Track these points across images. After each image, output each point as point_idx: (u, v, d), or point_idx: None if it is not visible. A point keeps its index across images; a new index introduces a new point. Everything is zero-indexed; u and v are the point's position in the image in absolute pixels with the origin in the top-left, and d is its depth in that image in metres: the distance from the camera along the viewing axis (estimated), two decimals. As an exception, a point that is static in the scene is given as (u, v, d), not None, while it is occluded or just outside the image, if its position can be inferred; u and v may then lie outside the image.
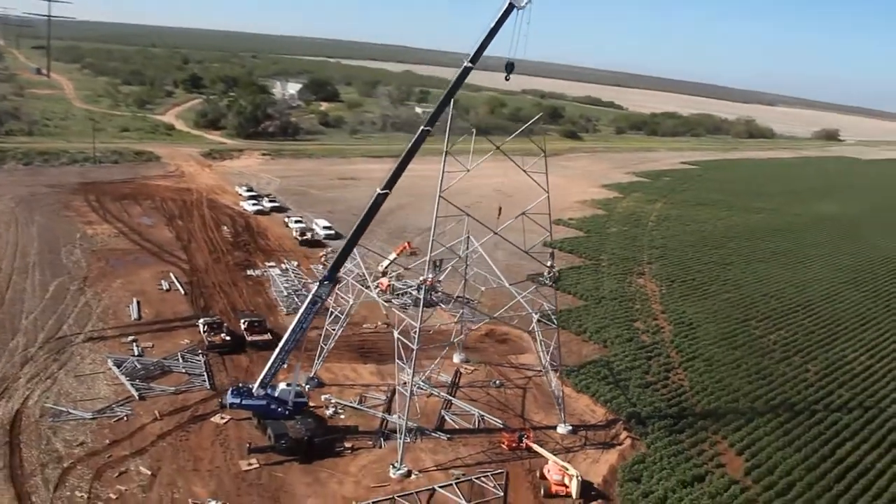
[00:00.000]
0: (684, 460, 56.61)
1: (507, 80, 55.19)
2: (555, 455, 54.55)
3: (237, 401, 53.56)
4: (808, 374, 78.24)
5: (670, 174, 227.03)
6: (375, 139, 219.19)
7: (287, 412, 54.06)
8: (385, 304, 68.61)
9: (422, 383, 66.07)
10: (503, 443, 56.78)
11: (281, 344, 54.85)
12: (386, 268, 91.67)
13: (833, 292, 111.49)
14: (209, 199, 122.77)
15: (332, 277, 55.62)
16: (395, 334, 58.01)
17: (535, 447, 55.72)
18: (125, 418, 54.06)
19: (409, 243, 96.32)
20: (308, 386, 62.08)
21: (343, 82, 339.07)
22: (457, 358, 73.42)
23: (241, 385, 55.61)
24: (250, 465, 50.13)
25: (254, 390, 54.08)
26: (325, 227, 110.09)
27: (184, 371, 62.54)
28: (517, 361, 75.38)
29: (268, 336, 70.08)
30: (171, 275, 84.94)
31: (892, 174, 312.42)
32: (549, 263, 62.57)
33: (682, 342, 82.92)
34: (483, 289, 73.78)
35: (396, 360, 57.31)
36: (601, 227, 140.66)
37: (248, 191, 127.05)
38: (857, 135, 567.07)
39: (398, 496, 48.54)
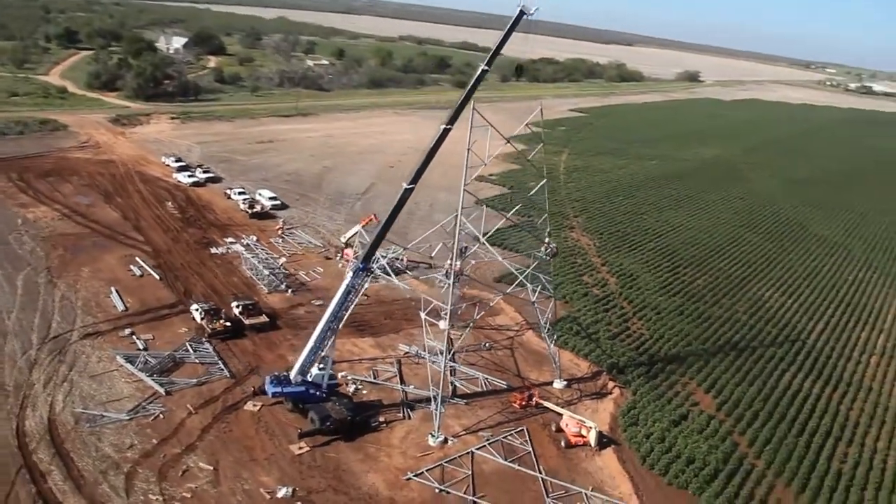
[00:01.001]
0: (667, 402, 65.42)
1: (517, 80, 58.44)
2: (562, 408, 61.51)
3: (279, 389, 55.94)
4: (739, 314, 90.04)
5: (564, 122, 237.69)
6: (277, 96, 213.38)
7: (324, 395, 57.07)
8: (405, 285, 70.41)
9: (421, 352, 70.57)
10: (515, 402, 62.86)
11: (317, 333, 57.30)
12: (349, 239, 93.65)
13: (737, 236, 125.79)
14: (138, 172, 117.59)
15: (366, 267, 57.92)
16: (423, 315, 61.70)
17: (547, 404, 62.39)
18: (161, 416, 54.95)
19: (374, 215, 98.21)
20: (322, 365, 64.73)
21: (222, 32, 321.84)
22: (443, 325, 77.80)
23: (277, 374, 57.75)
24: (301, 448, 53.17)
25: (292, 378, 56.51)
26: (270, 198, 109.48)
27: (197, 361, 63.36)
28: (495, 323, 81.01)
29: (265, 318, 71.56)
30: (138, 259, 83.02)
31: (751, 115, 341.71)
32: (546, 240, 67.57)
33: (629, 293, 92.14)
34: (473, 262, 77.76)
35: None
36: (519, 182, 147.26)
37: (177, 161, 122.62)
38: (714, 75, 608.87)
39: (445, 462, 53.56)
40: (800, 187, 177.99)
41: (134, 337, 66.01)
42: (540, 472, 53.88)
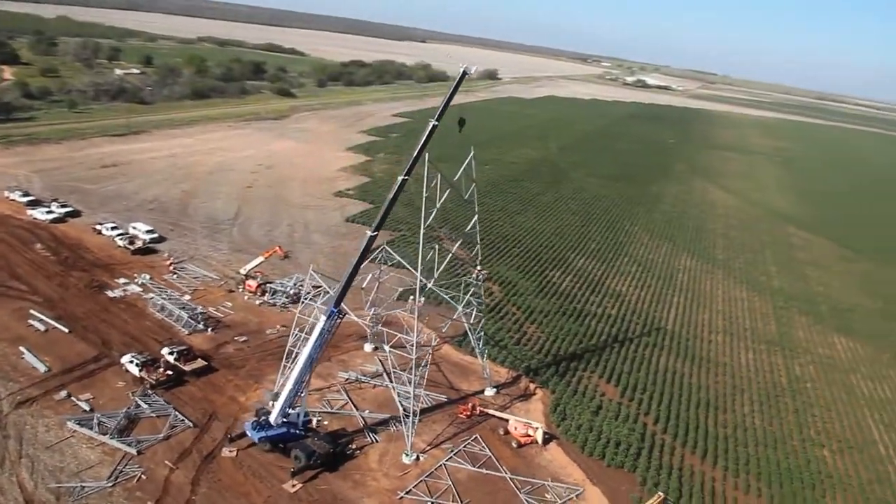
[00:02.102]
0: (582, 396, 76.50)
1: (460, 132, 64.81)
2: (506, 414, 69.94)
3: (264, 434, 58.09)
4: (607, 309, 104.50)
5: (394, 129, 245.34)
6: (98, 112, 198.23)
7: (302, 432, 60.15)
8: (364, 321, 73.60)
9: (361, 376, 75.31)
10: (461, 413, 70.07)
11: (294, 377, 59.90)
12: (249, 270, 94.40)
13: (582, 235, 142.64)
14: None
15: (338, 311, 61.18)
16: (367, 347, 66.33)
17: (490, 411, 70.38)
18: (143, 476, 54.90)
19: (279, 247, 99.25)
20: (272, 401, 67.02)
21: (3, 35, 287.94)
22: (368, 347, 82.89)
23: (256, 419, 59.64)
24: (294, 486, 56.24)
25: (273, 421, 58.92)
26: (147, 232, 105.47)
27: (153, 415, 62.86)
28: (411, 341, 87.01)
29: (202, 362, 71.78)
30: (34, 311, 77.86)
31: (553, 113, 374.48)
32: (478, 268, 74.80)
33: (514, 299, 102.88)
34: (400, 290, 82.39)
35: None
36: (378, 195, 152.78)
37: (24, 196, 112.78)
38: (507, 72, 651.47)
39: (425, 477, 59.57)
40: (616, 183, 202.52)
41: (73, 399, 63.56)
42: (506, 472, 61.72)
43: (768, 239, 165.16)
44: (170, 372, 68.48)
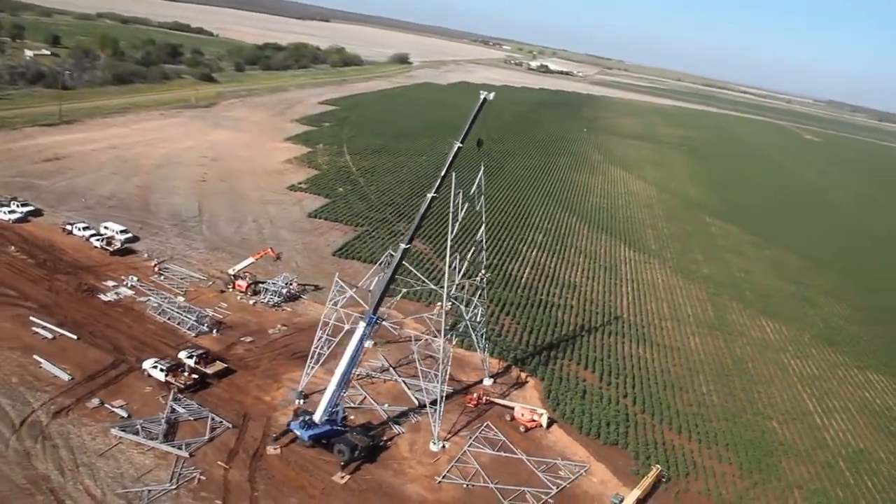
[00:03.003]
0: (567, 382, 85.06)
1: (478, 150, 70.13)
2: (511, 402, 77.38)
3: (312, 432, 62.58)
4: (568, 300, 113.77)
5: (325, 118, 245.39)
6: (19, 98, 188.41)
7: (342, 428, 65.06)
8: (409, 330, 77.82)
9: (371, 373, 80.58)
10: (469, 403, 76.80)
11: (337, 381, 64.45)
12: (238, 271, 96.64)
13: (530, 226, 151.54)
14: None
15: (377, 318, 65.89)
16: (414, 348, 71.88)
17: (496, 400, 77.53)
18: (202, 477, 58.38)
19: (271, 249, 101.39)
20: (300, 401, 71.47)
21: None
22: (369, 343, 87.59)
23: (302, 418, 63.88)
24: (343, 477, 61.37)
25: (317, 420, 63.50)
26: (121, 232, 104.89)
27: (191, 418, 65.85)
28: (403, 336, 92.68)
29: (222, 364, 74.76)
30: (34, 318, 77.76)
31: (471, 100, 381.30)
32: (483, 272, 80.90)
33: (487, 292, 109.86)
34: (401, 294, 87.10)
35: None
36: (330, 189, 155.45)
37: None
38: (415, 55, 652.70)
39: (455, 462, 66.13)
40: (546, 174, 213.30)
41: (108, 406, 65.42)
42: (521, 454, 69.21)
43: (691, 228, 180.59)
44: (195, 375, 71.16)
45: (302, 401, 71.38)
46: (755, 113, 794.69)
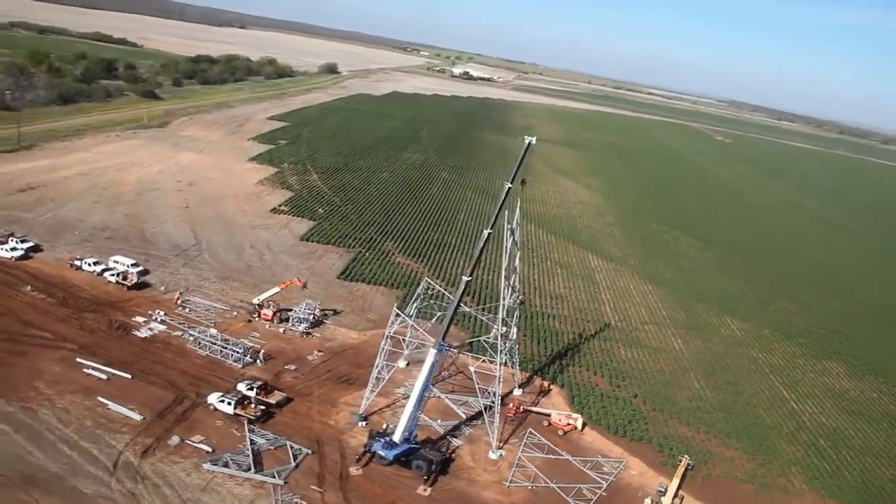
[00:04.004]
0: (583, 388, 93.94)
1: (522, 190, 76.94)
2: (548, 409, 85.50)
3: (396, 451, 68.50)
4: (553, 309, 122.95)
5: (279, 136, 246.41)
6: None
7: (417, 446, 71.24)
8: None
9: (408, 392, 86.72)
10: (509, 413, 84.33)
11: (415, 402, 70.59)
12: (263, 300, 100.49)
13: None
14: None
15: (447, 345, 72.34)
16: (472, 368, 78.41)
17: (533, 409, 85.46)
18: (303, 502, 63.37)
19: (298, 279, 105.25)
20: (362, 423, 77.04)
21: None
22: (402, 363, 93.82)
23: (384, 440, 69.55)
24: (426, 490, 67.72)
25: (397, 439, 69.49)
26: (133, 265, 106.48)
27: (271, 447, 70.46)
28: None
29: (280, 393, 79.34)
30: (80, 360, 79.70)
31: (409, 112, 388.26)
32: (517, 294, 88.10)
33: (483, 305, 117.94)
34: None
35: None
36: (311, 211, 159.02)
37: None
38: (344, 65, 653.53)
39: (515, 467, 73.59)
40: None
41: (189, 442, 69.03)
42: (567, 455, 77.39)
43: (644, 234, 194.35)
44: (262, 406, 75.56)
45: (364, 423, 76.95)
46: (667, 115, 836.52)
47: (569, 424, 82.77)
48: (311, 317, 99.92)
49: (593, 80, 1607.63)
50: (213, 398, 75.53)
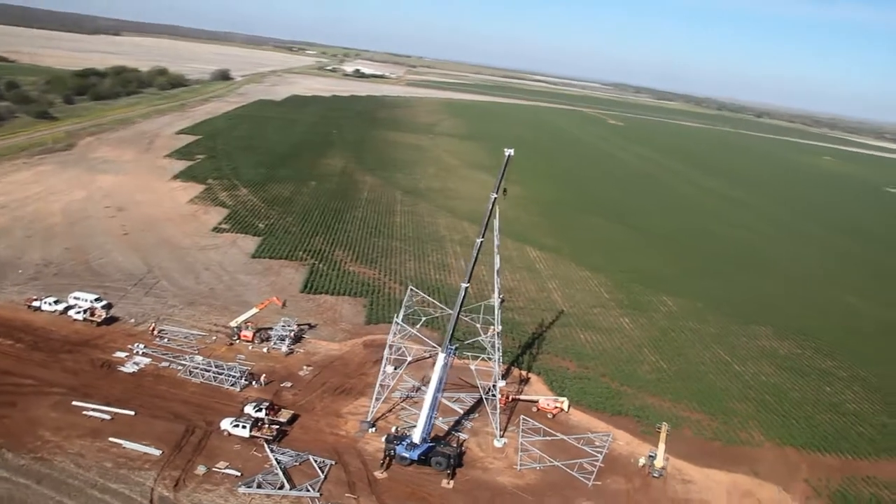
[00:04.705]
0: (558, 372, 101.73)
1: (504, 198, 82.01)
2: (535, 396, 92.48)
3: (418, 451, 73.08)
4: (511, 302, 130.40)
5: (193, 150, 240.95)
6: None
7: (433, 444, 76.14)
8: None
9: (411, 394, 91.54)
10: (502, 403, 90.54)
11: (430, 404, 75.28)
12: (241, 322, 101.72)
13: (443, 248, 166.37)
14: None
15: (454, 348, 77.17)
16: (472, 366, 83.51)
17: (521, 397, 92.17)
18: (343, 509, 67.27)
19: (277, 298, 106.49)
20: (372, 430, 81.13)
21: None
22: (389, 368, 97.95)
23: (405, 442, 73.90)
24: (449, 483, 72.95)
25: (417, 440, 74.13)
26: (96, 300, 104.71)
27: (296, 463, 73.43)
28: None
29: (288, 411, 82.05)
30: (76, 403, 78.94)
31: (313, 117, 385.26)
32: (500, 295, 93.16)
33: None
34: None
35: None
36: (252, 226, 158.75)
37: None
38: (236, 70, 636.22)
39: (521, 452, 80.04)
40: (430, 190, 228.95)
41: (215, 469, 70.85)
42: (562, 435, 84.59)
43: (569, 222, 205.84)
44: (276, 426, 78.14)
45: (373, 429, 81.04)
46: (560, 102, 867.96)
47: (556, 407, 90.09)
48: (292, 333, 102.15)
49: (482, 70, 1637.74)
50: (226, 424, 77.31)
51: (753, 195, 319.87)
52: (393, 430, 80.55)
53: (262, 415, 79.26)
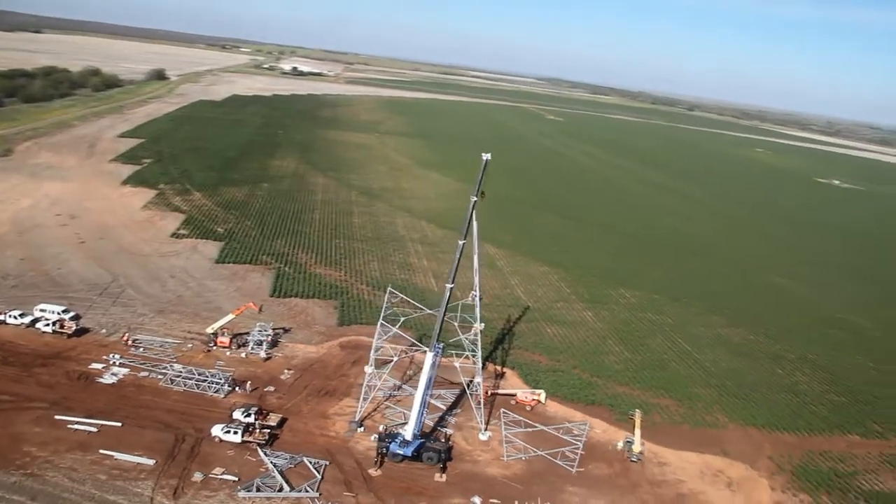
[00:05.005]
0: (530, 365, 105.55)
1: (482, 200, 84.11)
2: (513, 389, 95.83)
3: (413, 447, 75.27)
4: (472, 299, 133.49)
5: (139, 153, 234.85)
6: None
7: (424, 441, 78.45)
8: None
9: (395, 392, 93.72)
10: (483, 398, 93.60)
11: (421, 399, 77.45)
12: (217, 329, 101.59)
13: (405, 248, 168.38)
14: None
15: (439, 345, 79.35)
16: (457, 364, 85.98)
17: (501, 392, 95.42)
18: (341, 507, 69.04)
19: (253, 303, 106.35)
20: (360, 429, 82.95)
21: None
22: (368, 369, 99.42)
23: (399, 440, 75.93)
24: (442, 477, 75.49)
25: (409, 438, 76.29)
26: (65, 311, 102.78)
27: (291, 465, 74.64)
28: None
29: (276, 415, 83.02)
30: (59, 417, 78.04)
31: (259, 117, 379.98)
32: (476, 293, 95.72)
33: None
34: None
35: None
36: (211, 231, 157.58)
37: None
38: (170, 69, 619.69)
39: (506, 444, 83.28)
40: (385, 191, 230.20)
41: (212, 476, 71.50)
42: (541, 426, 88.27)
43: (524, 219, 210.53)
44: (266, 430, 79.04)
45: (361, 429, 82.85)
46: (500, 98, 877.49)
47: (534, 400, 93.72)
48: (269, 338, 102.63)
49: (420, 67, 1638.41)
50: (217, 430, 77.80)
51: (693, 187, 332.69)
52: (381, 428, 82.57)
53: (250, 420, 80.00)
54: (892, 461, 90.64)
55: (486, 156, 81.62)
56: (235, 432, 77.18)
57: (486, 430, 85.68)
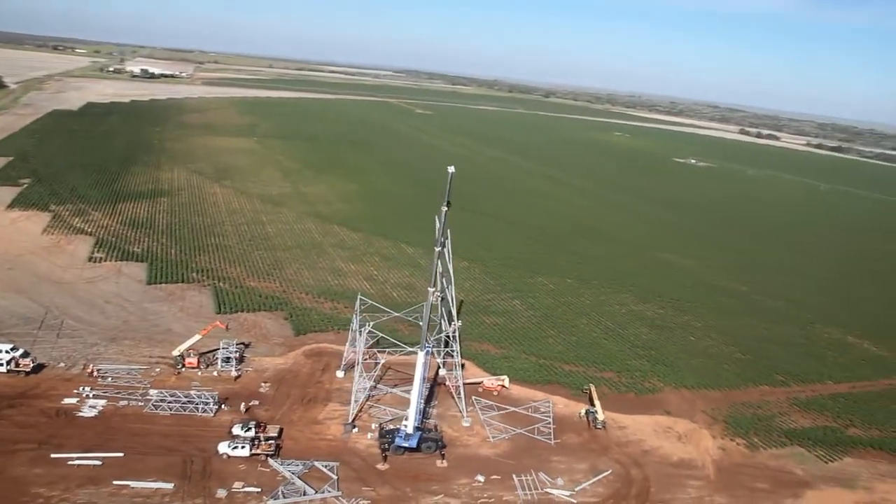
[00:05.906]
0: (483, 356, 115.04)
1: (448, 209, 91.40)
2: (479, 378, 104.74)
3: (415, 439, 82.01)
4: (404, 298, 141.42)
5: (14, 174, 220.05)
6: None
7: (422, 433, 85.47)
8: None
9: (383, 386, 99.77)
10: (452, 387, 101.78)
11: (416, 396, 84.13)
12: (183, 351, 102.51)
13: (326, 253, 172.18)
14: None
15: (428, 345, 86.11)
16: (439, 360, 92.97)
17: (469, 381, 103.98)
18: (367, 501, 74.97)
19: (219, 322, 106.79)
20: (354, 430, 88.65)
21: None
22: (339, 374, 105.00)
23: (401, 433, 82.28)
24: (443, 463, 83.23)
25: (410, 431, 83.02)
26: (13, 349, 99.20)
27: (305, 471, 79.19)
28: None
29: (275, 426, 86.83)
30: (58, 455, 78.00)
31: (114, 126, 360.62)
32: (435, 291, 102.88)
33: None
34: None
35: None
36: (127, 251, 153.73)
37: None
38: (7, 75, 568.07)
39: (487, 427, 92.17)
40: (288, 198, 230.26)
41: (236, 490, 74.97)
42: (512, 407, 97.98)
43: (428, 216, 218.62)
44: (271, 441, 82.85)
45: (355, 429, 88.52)
46: (364, 94, 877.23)
47: (499, 385, 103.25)
48: (238, 354, 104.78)
49: (274, 63, 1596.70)
50: (224, 447, 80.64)
51: (568, 174, 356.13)
52: (373, 426, 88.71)
53: (250, 434, 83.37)
54: (797, 403, 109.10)
55: (451, 168, 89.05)
56: (243, 447, 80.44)
57: (466, 416, 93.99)
